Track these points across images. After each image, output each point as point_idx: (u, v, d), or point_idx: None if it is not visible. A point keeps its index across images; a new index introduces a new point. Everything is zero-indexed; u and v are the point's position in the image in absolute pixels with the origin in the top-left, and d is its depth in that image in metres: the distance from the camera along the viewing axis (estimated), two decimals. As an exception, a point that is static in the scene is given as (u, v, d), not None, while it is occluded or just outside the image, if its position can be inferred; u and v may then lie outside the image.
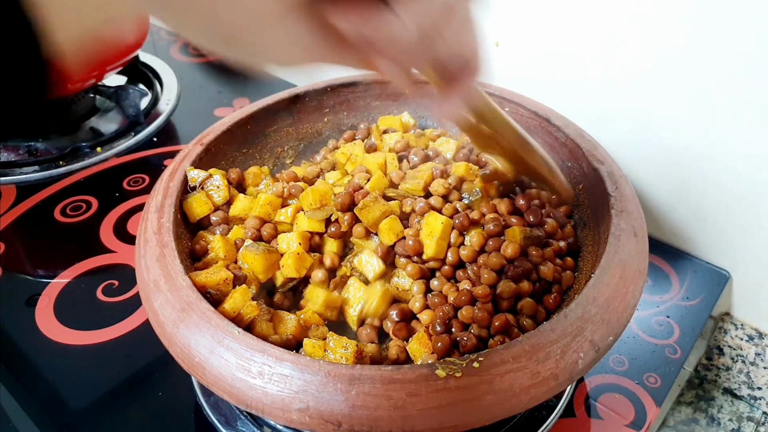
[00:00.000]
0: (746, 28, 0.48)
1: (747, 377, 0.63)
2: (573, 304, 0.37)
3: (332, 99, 0.59)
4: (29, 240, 0.62)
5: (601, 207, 0.45)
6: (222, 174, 0.49)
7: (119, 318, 0.53)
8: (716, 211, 0.58)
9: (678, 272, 0.60)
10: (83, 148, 0.75)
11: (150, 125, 0.79)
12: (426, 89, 0.31)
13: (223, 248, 0.44)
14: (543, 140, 0.54)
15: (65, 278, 0.57)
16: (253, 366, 0.34)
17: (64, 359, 0.50)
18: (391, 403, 0.32)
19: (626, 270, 0.39)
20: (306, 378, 0.33)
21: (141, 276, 0.41)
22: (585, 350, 0.35)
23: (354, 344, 0.38)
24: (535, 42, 0.62)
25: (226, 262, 0.44)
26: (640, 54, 0.55)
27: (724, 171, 0.56)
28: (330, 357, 0.38)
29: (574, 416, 0.47)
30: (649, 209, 0.62)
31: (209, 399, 0.47)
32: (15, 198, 0.68)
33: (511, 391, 0.33)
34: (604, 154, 0.49)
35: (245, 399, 0.34)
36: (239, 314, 0.39)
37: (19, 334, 0.52)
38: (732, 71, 0.51)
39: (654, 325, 0.55)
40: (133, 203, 0.66)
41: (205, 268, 0.43)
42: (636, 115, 0.58)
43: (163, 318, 0.37)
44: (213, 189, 0.48)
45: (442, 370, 0.33)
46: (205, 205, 0.47)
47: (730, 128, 0.53)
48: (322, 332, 0.41)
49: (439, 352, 0.39)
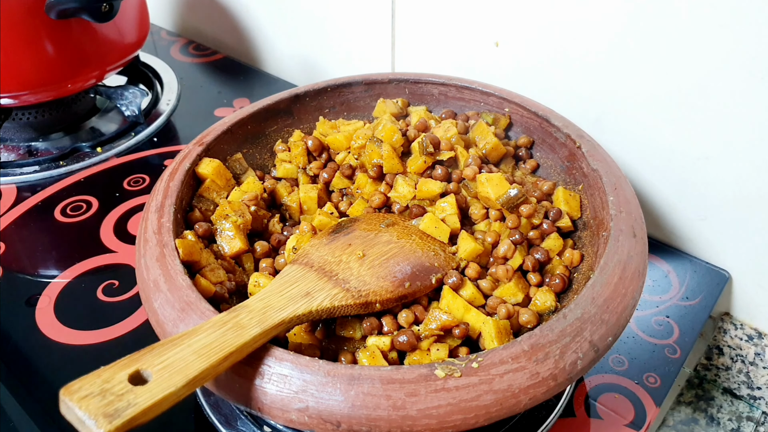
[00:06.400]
0: (746, 28, 0.48)
1: (746, 377, 0.63)
2: (572, 304, 0.37)
3: (332, 99, 0.59)
4: (29, 240, 0.63)
5: (600, 207, 0.46)
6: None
7: (119, 318, 0.54)
8: (716, 211, 0.58)
9: (678, 272, 0.60)
10: (83, 148, 0.75)
11: (150, 125, 0.79)
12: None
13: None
14: (543, 140, 0.54)
15: (65, 278, 0.58)
16: (252, 365, 0.34)
17: (64, 359, 0.50)
18: (391, 403, 0.32)
19: (626, 270, 0.39)
20: (305, 378, 0.33)
21: (141, 276, 0.41)
22: (584, 350, 0.35)
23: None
24: (535, 42, 0.62)
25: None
26: (640, 54, 0.55)
27: (724, 171, 0.56)
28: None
29: (573, 416, 0.47)
30: (649, 209, 0.62)
31: (209, 399, 0.47)
32: (15, 198, 0.68)
33: (511, 392, 0.33)
34: (603, 154, 0.49)
35: (245, 399, 0.34)
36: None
37: (19, 334, 0.52)
38: (732, 71, 0.51)
39: (654, 325, 0.55)
40: (133, 203, 0.66)
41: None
42: (636, 115, 0.58)
43: (163, 318, 0.37)
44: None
45: (441, 371, 0.33)
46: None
47: (730, 128, 0.53)
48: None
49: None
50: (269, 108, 0.56)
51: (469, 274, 0.45)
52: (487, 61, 0.67)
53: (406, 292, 0.42)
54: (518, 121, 0.56)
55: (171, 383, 0.28)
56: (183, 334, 0.32)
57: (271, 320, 0.35)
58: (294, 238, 0.46)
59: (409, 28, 0.72)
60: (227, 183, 0.50)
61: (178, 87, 0.87)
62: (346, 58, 0.82)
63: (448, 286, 0.43)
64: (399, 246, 0.45)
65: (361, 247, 0.44)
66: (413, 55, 0.74)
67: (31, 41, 0.66)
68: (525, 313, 0.42)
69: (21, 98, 0.70)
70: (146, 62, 0.91)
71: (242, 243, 0.45)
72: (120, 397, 0.27)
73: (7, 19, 0.63)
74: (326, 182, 0.53)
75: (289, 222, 0.52)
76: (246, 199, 0.48)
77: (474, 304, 0.42)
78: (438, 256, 0.45)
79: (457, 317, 0.41)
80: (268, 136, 0.57)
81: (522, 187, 0.48)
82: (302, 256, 0.43)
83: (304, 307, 0.37)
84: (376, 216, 0.49)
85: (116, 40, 0.74)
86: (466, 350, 0.41)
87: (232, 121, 0.53)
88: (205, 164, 0.49)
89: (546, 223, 0.47)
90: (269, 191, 0.51)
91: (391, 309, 0.42)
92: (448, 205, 0.47)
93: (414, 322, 0.41)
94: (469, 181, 0.50)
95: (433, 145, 0.50)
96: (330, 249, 0.43)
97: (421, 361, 0.39)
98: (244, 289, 0.44)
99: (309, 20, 0.83)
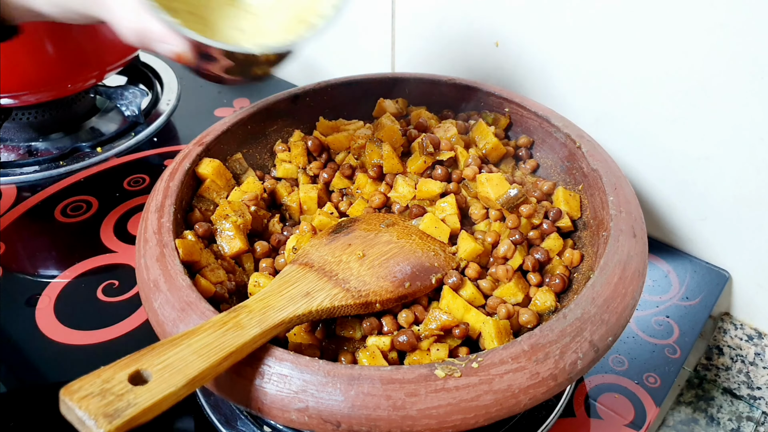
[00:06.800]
0: (747, 28, 0.48)
1: (746, 377, 0.63)
2: (572, 304, 0.37)
3: (332, 99, 0.59)
4: (29, 240, 0.63)
5: (600, 207, 0.46)
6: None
7: (119, 318, 0.54)
8: (716, 211, 0.58)
9: (678, 272, 0.60)
10: (83, 148, 0.75)
11: (150, 125, 0.79)
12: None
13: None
14: (543, 140, 0.54)
15: (65, 278, 0.57)
16: (252, 366, 0.34)
17: (64, 359, 0.50)
18: (391, 403, 0.32)
19: (626, 270, 0.39)
20: (305, 378, 0.33)
21: (141, 276, 0.41)
22: (584, 350, 0.35)
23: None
24: (535, 42, 0.62)
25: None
26: (640, 54, 0.55)
27: (724, 171, 0.56)
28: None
29: (573, 416, 0.47)
30: (649, 209, 0.62)
31: (209, 399, 0.47)
32: (15, 198, 0.68)
33: (510, 392, 0.33)
34: (603, 154, 0.49)
35: (245, 399, 0.34)
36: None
37: (19, 334, 0.52)
38: (732, 71, 0.51)
39: (654, 325, 0.55)
40: (133, 203, 0.66)
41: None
42: (636, 115, 0.58)
43: (163, 318, 0.37)
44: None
45: (441, 371, 0.33)
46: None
47: (730, 128, 0.53)
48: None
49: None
50: (269, 108, 0.55)
51: (469, 274, 0.45)
52: (487, 61, 0.67)
53: (406, 292, 0.42)
54: (518, 121, 0.56)
55: (171, 383, 0.28)
56: (183, 334, 0.32)
57: (271, 320, 0.35)
58: (294, 238, 0.46)
59: (409, 28, 0.72)
60: (227, 183, 0.50)
61: (178, 87, 0.87)
62: (346, 58, 0.82)
63: (448, 286, 0.43)
64: (399, 246, 0.45)
65: (361, 247, 0.44)
66: (413, 55, 0.74)
67: (30, 41, 0.66)
68: (525, 313, 0.42)
69: (21, 98, 0.70)
70: (146, 62, 0.91)
71: (242, 243, 0.45)
72: (120, 397, 0.27)
73: (7, 19, 0.63)
74: (326, 182, 0.53)
75: (289, 222, 0.52)
76: (246, 199, 0.48)
77: (474, 304, 0.42)
78: (438, 256, 0.45)
79: (457, 317, 0.41)
80: (268, 136, 0.57)
81: (522, 187, 0.48)
82: (302, 256, 0.43)
83: (303, 307, 0.37)
84: (376, 216, 0.49)
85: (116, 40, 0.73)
86: (466, 350, 0.41)
87: (232, 121, 0.53)
88: (205, 164, 0.49)
89: (546, 223, 0.47)
90: (269, 191, 0.51)
91: (391, 309, 0.42)
92: (448, 205, 0.47)
93: (414, 322, 0.41)
94: (469, 181, 0.50)
95: (433, 145, 0.50)
96: (330, 249, 0.43)
97: (421, 361, 0.39)
98: (244, 289, 0.44)
99: (309, 20, 0.83)
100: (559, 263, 0.46)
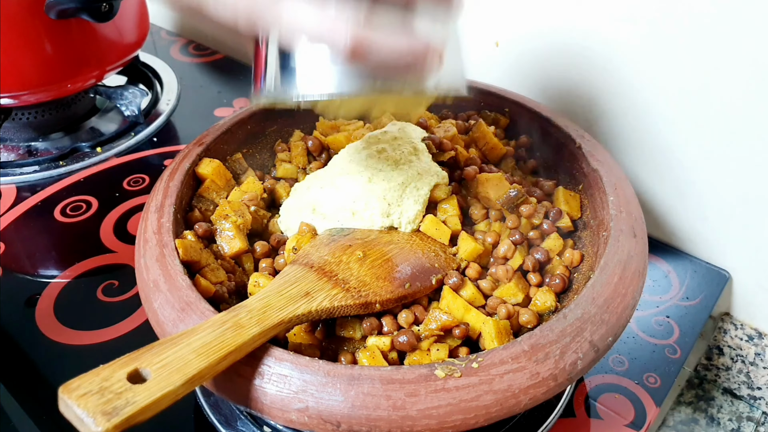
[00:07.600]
0: (746, 28, 0.48)
1: (747, 377, 0.63)
2: (572, 305, 0.37)
3: (332, 99, 0.59)
4: (29, 240, 0.63)
5: (600, 207, 0.45)
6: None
7: (119, 318, 0.54)
8: (716, 211, 0.58)
9: (678, 272, 0.60)
10: (83, 148, 0.75)
11: (150, 125, 0.79)
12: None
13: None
14: (543, 140, 0.54)
15: (65, 278, 0.57)
16: (252, 366, 0.34)
17: (64, 359, 0.50)
18: (391, 403, 0.32)
19: (626, 270, 0.39)
20: (305, 378, 0.33)
21: (141, 276, 0.41)
22: (584, 351, 0.35)
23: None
24: (535, 42, 0.62)
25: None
26: (640, 54, 0.55)
27: (723, 171, 0.56)
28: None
29: (573, 416, 0.47)
30: (649, 209, 0.62)
31: (209, 399, 0.47)
32: (15, 198, 0.68)
33: (511, 392, 0.33)
34: (604, 154, 0.49)
35: (244, 399, 0.34)
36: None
37: (19, 334, 0.52)
38: (733, 72, 0.51)
39: (654, 325, 0.55)
40: (133, 203, 0.66)
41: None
42: (636, 115, 0.58)
43: (163, 318, 0.37)
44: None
45: (441, 371, 0.33)
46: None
47: (730, 128, 0.53)
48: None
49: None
50: (269, 108, 0.55)
51: (470, 274, 0.45)
52: (487, 61, 0.67)
53: (406, 293, 0.42)
54: (518, 121, 0.56)
55: (169, 382, 0.28)
56: (182, 333, 0.32)
57: (271, 320, 0.35)
58: (294, 238, 0.46)
59: (409, 28, 0.72)
60: (227, 183, 0.50)
61: (178, 87, 0.87)
62: (346, 58, 0.82)
63: (449, 286, 0.43)
64: (399, 247, 0.45)
65: (362, 248, 0.44)
66: (413, 55, 0.74)
67: (30, 41, 0.66)
68: (525, 313, 0.42)
69: (21, 98, 0.70)
70: (146, 62, 0.91)
71: (242, 243, 0.45)
72: (118, 395, 0.27)
73: (7, 19, 0.63)
74: (326, 182, 0.53)
75: (289, 222, 0.52)
76: (246, 199, 0.48)
77: (474, 305, 0.42)
78: (438, 257, 0.45)
79: (457, 317, 0.41)
80: (268, 136, 0.57)
81: (522, 187, 0.48)
82: (302, 257, 0.43)
83: (303, 308, 0.37)
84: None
85: (116, 40, 0.74)
86: (466, 350, 0.41)
87: (232, 121, 0.53)
88: (205, 164, 0.49)
89: (546, 223, 0.47)
90: (269, 191, 0.51)
91: (391, 309, 0.42)
92: (450, 206, 0.47)
93: (414, 323, 0.41)
94: (469, 181, 0.50)
95: (433, 145, 0.50)
96: (330, 249, 0.43)
97: (421, 362, 0.39)
98: (243, 289, 0.44)
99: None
100: (559, 263, 0.46)
